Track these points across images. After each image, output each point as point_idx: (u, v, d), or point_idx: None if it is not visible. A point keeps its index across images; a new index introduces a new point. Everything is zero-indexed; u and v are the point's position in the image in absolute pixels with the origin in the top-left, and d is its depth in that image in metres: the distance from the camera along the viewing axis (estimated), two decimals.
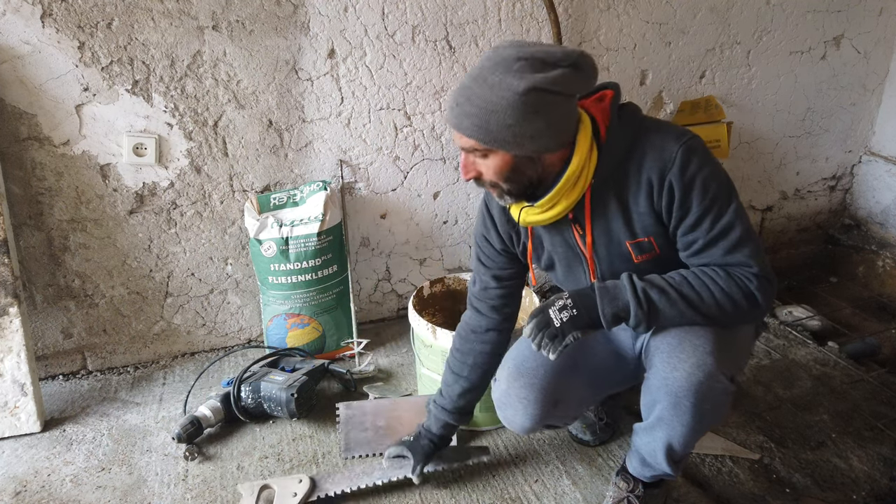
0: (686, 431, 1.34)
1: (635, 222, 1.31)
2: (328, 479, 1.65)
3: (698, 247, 1.28)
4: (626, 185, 1.29)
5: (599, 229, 1.34)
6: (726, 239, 1.25)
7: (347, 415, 1.80)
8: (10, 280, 1.80)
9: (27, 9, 1.74)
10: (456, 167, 2.31)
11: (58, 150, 1.90)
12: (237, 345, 2.32)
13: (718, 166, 1.28)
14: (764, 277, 1.25)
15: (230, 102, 2.00)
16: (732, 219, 1.25)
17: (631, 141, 1.28)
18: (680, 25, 2.38)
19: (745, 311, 1.26)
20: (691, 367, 1.25)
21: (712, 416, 1.32)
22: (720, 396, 1.27)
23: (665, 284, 1.26)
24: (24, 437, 1.86)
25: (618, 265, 1.36)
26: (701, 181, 1.24)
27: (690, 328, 1.28)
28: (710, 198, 1.24)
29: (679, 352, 1.27)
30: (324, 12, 1.98)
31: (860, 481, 1.70)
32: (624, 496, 1.51)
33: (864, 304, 2.72)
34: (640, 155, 1.27)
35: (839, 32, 2.62)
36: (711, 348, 1.25)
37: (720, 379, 1.25)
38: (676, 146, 1.24)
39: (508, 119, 1.17)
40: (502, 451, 1.79)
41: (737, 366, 1.35)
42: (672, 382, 1.27)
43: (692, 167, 1.23)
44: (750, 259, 1.25)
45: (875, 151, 2.90)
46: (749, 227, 1.27)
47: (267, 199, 2.09)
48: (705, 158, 1.26)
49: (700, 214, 1.25)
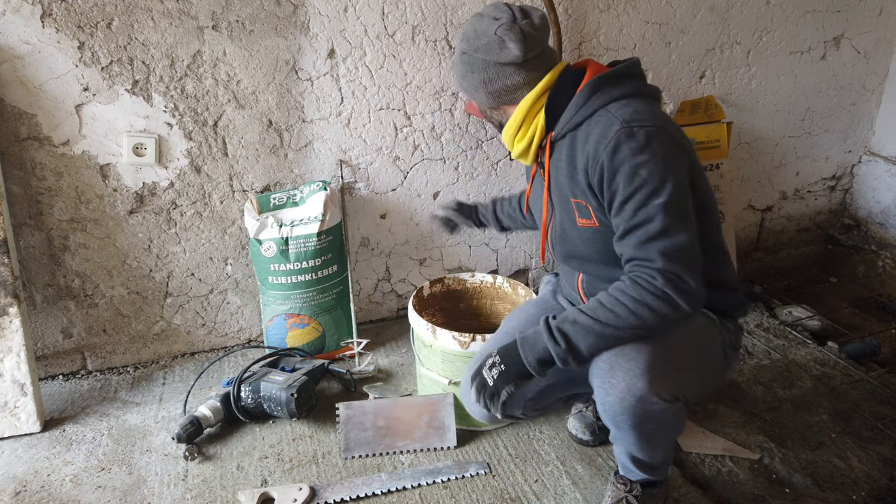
0: (640, 448, 1.37)
1: (576, 183, 1.38)
2: (328, 488, 1.66)
3: (619, 233, 1.30)
4: (575, 147, 1.37)
5: (554, 179, 1.47)
6: (642, 229, 1.25)
7: (347, 415, 1.80)
8: (9, 280, 1.80)
9: (27, 9, 1.74)
10: (456, 167, 2.31)
11: (58, 150, 1.90)
12: (237, 345, 2.32)
13: (660, 159, 1.24)
14: (670, 273, 1.22)
15: (230, 102, 2.00)
16: (655, 211, 1.23)
17: (597, 108, 1.34)
18: (680, 25, 2.38)
19: (666, 312, 1.23)
20: (622, 393, 1.25)
21: (663, 433, 1.34)
22: (662, 416, 1.27)
23: (578, 314, 1.28)
24: (24, 437, 1.86)
25: (565, 221, 1.47)
26: (630, 166, 1.24)
27: (622, 351, 1.27)
28: (635, 185, 1.24)
29: (610, 377, 1.27)
30: (324, 12, 1.98)
31: (860, 481, 1.70)
32: (622, 496, 1.51)
33: (864, 304, 2.72)
34: (593, 124, 1.33)
35: (839, 32, 2.62)
36: (642, 371, 1.24)
37: (654, 401, 1.24)
38: (619, 128, 1.26)
39: (458, 74, 1.48)
40: (502, 451, 1.79)
41: (680, 384, 1.30)
42: (608, 407, 1.30)
43: (624, 151, 1.25)
44: (659, 255, 1.23)
45: (875, 151, 2.91)
46: (677, 225, 1.24)
47: (267, 199, 2.09)
48: (645, 147, 1.24)
49: (624, 199, 1.26)
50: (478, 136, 2.30)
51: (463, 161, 2.32)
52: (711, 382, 1.52)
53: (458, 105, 2.23)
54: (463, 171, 2.33)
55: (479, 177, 2.36)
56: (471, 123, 2.27)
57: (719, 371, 1.50)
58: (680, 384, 1.30)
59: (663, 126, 1.28)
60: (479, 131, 2.29)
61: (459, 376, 1.78)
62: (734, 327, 1.50)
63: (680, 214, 1.25)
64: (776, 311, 2.54)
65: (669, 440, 1.42)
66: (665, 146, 1.26)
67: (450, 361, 1.79)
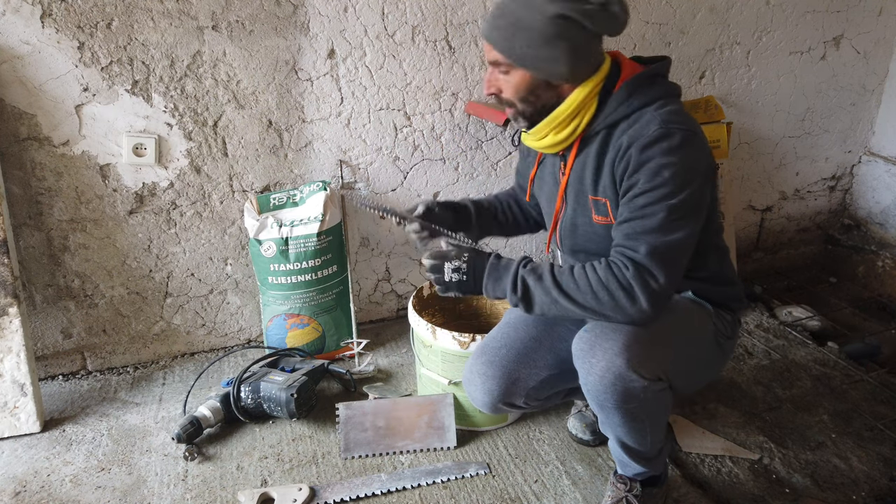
0: (626, 430, 1.38)
1: (601, 180, 1.36)
2: (328, 488, 1.66)
3: (620, 219, 1.29)
4: (608, 145, 1.34)
5: (576, 175, 1.42)
6: (641, 221, 1.24)
7: (347, 415, 1.80)
8: (9, 280, 1.80)
9: (27, 9, 1.74)
10: (456, 167, 2.31)
11: (57, 150, 1.90)
12: (237, 345, 2.32)
13: (686, 163, 1.24)
14: (644, 268, 1.22)
15: (230, 102, 2.00)
16: (660, 210, 1.23)
17: (636, 108, 1.31)
18: (679, 26, 2.38)
19: (623, 304, 1.22)
20: (602, 371, 1.26)
21: (646, 414, 1.34)
22: (644, 394, 1.27)
23: (547, 274, 1.29)
24: (24, 438, 1.86)
25: (580, 217, 1.44)
26: (656, 164, 1.24)
27: (602, 331, 1.28)
28: (655, 183, 1.24)
29: (590, 356, 1.28)
30: (324, 12, 1.98)
31: (860, 481, 1.70)
32: (622, 496, 1.51)
33: (864, 304, 2.72)
34: (632, 123, 1.30)
35: (839, 33, 2.62)
36: (620, 348, 1.25)
37: (633, 378, 1.25)
38: (657, 127, 1.25)
39: (533, 39, 1.25)
40: (502, 452, 1.79)
41: (662, 364, 1.30)
42: (591, 387, 1.31)
43: (657, 148, 1.24)
44: (643, 246, 1.23)
45: (875, 152, 2.91)
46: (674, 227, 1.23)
47: (267, 200, 2.09)
48: (676, 149, 1.23)
49: (639, 192, 1.25)
50: (478, 136, 2.30)
51: (463, 161, 2.32)
52: (704, 370, 1.52)
53: (457, 105, 2.23)
54: (463, 172, 2.33)
55: (479, 177, 2.35)
56: (470, 124, 2.27)
57: (713, 359, 1.50)
58: (661, 364, 1.31)
59: (697, 131, 1.30)
60: (478, 131, 2.29)
61: (459, 376, 1.78)
62: (731, 318, 1.51)
63: (683, 218, 1.25)
64: (776, 311, 2.54)
65: (656, 424, 1.42)
66: (695, 152, 1.27)
67: (450, 361, 1.79)
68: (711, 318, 1.46)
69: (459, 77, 2.19)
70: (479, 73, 2.20)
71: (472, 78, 2.20)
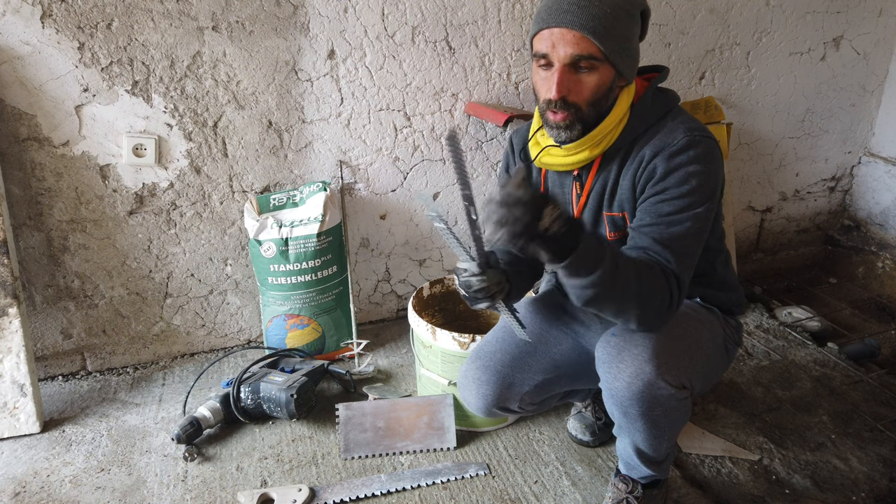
0: (646, 437, 1.36)
1: (617, 194, 1.34)
2: (327, 489, 1.66)
3: (642, 222, 1.27)
4: (627, 159, 1.32)
5: (594, 193, 1.39)
6: (669, 228, 1.24)
7: (347, 416, 1.80)
8: (9, 280, 1.80)
9: (27, 9, 1.74)
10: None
11: (57, 150, 1.90)
12: (237, 345, 2.32)
13: (712, 173, 1.26)
14: (677, 279, 1.23)
15: (230, 103, 2.00)
16: (688, 218, 1.24)
17: (654, 121, 1.31)
18: (679, 26, 2.38)
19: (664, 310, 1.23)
20: (630, 377, 1.25)
21: (668, 422, 1.33)
22: (669, 402, 1.27)
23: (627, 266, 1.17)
24: (24, 438, 1.85)
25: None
26: (685, 172, 1.24)
27: (630, 337, 1.27)
28: (683, 190, 1.24)
29: (618, 361, 1.27)
30: (324, 13, 1.99)
31: (860, 482, 1.70)
32: (623, 497, 1.51)
33: (864, 305, 2.72)
34: (651, 135, 1.30)
35: (839, 34, 2.62)
36: (650, 356, 1.24)
37: (661, 386, 1.24)
38: (683, 135, 1.26)
39: (628, 29, 1.18)
40: (502, 452, 1.79)
41: (687, 372, 1.29)
42: (616, 393, 1.29)
43: (684, 156, 1.24)
44: (673, 258, 1.22)
45: (874, 152, 2.91)
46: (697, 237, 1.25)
47: (266, 200, 2.09)
48: (704, 158, 1.25)
49: (666, 199, 1.25)
50: (478, 136, 2.30)
51: None
52: (713, 376, 1.53)
53: (458, 106, 2.23)
54: None
55: (479, 177, 2.36)
56: (470, 124, 2.27)
57: (720, 365, 1.51)
58: (687, 372, 1.30)
59: (716, 140, 1.30)
60: (478, 132, 2.29)
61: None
62: (736, 324, 1.53)
63: (703, 229, 1.27)
64: (776, 311, 2.54)
65: (674, 431, 1.42)
66: (717, 161, 1.28)
67: (449, 362, 1.79)
68: (721, 325, 1.47)
69: (459, 78, 2.19)
70: (479, 74, 2.20)
71: (472, 79, 2.20)
